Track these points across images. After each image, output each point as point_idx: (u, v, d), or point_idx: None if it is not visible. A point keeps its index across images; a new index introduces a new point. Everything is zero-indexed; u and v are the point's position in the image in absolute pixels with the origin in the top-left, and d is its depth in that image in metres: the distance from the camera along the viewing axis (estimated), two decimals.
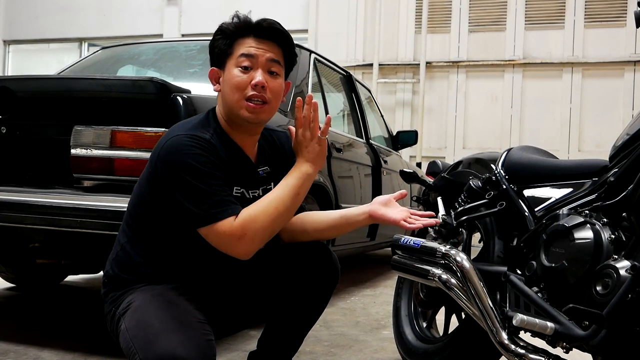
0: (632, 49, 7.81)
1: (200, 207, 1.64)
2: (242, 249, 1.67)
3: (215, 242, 1.67)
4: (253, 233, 1.66)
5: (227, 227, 1.64)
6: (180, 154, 1.66)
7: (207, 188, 1.64)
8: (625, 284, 1.57)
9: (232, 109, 1.77)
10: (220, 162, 1.71)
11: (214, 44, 1.81)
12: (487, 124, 8.37)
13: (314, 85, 3.95)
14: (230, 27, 1.79)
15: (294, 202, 1.75)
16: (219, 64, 1.81)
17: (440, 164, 2.79)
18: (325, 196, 3.59)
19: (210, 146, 1.70)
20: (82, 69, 3.84)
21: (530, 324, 1.75)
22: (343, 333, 3.09)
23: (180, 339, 1.55)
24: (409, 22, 8.76)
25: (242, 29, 1.78)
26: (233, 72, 1.76)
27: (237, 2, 9.32)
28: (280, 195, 1.73)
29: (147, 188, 1.76)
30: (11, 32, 11.04)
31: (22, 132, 2.72)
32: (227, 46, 1.78)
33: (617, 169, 1.83)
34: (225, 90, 1.78)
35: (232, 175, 1.76)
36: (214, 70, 1.82)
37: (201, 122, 1.79)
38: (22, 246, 3.32)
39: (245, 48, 1.76)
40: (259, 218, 1.67)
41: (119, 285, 1.78)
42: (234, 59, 1.77)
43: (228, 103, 1.77)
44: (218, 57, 1.81)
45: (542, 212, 2.06)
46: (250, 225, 1.65)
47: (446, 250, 2.07)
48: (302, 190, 1.77)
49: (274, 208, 1.70)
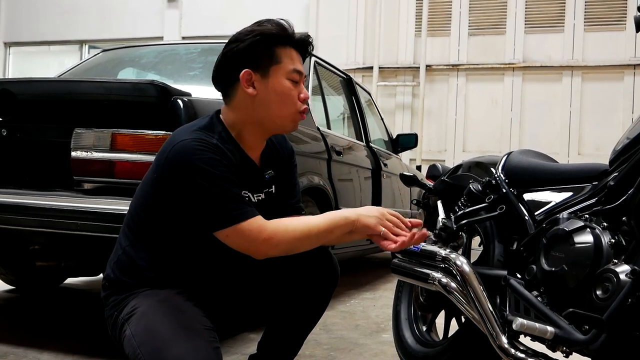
0: (631, 52, 7.81)
1: (219, 209, 1.64)
2: (262, 250, 1.68)
3: (236, 241, 1.67)
4: (278, 241, 1.67)
5: (254, 226, 1.65)
6: (191, 158, 1.64)
7: (223, 191, 1.64)
8: (625, 288, 1.57)
9: (275, 118, 1.78)
10: (230, 165, 1.71)
11: (252, 45, 1.74)
12: (487, 127, 8.37)
13: (314, 89, 3.95)
14: (274, 30, 1.76)
15: (326, 236, 1.73)
16: (256, 66, 1.75)
17: (440, 167, 2.79)
18: (325, 199, 3.59)
19: (219, 149, 1.70)
20: (83, 72, 3.85)
21: (530, 328, 1.75)
22: (343, 336, 3.09)
23: (188, 347, 1.55)
24: (409, 25, 8.76)
25: (285, 38, 1.78)
26: (285, 84, 1.77)
27: (238, 6, 9.40)
28: (318, 223, 1.72)
29: (151, 193, 1.75)
30: (12, 34, 11.05)
31: (23, 135, 2.72)
32: (270, 52, 1.75)
33: (617, 173, 1.83)
34: (272, 99, 1.76)
35: (239, 179, 1.76)
36: (249, 72, 1.75)
37: (206, 126, 1.77)
38: (22, 248, 3.32)
39: (296, 64, 1.79)
40: (290, 230, 1.69)
41: (120, 289, 1.77)
42: (284, 70, 1.76)
43: (271, 111, 1.77)
44: (257, 60, 1.75)
45: (542, 216, 2.06)
46: (280, 234, 1.67)
47: (446, 254, 2.08)
48: (338, 231, 1.73)
49: (307, 230, 1.70)
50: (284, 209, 1.97)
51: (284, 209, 1.97)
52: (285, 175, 1.98)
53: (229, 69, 1.77)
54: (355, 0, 8.97)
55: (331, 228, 1.72)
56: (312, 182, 3.39)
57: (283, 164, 1.96)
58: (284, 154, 1.98)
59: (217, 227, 1.66)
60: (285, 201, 1.98)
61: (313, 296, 1.93)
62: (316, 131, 3.66)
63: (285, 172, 1.97)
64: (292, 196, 2.00)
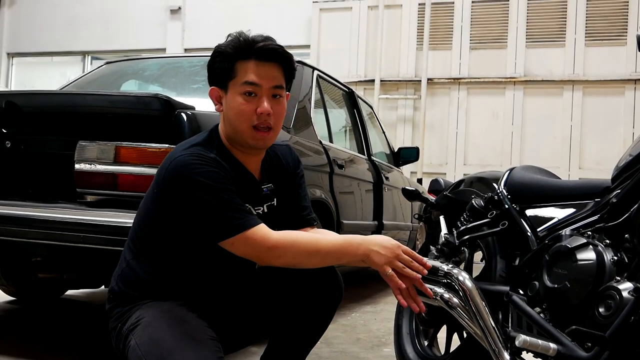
0: (632, 67, 7.84)
1: (223, 220, 1.65)
2: (265, 258, 1.68)
3: (242, 249, 1.67)
4: (283, 252, 1.67)
5: (260, 235, 1.65)
6: (189, 173, 1.66)
7: (224, 202, 1.65)
8: (628, 306, 1.58)
9: (237, 134, 1.77)
10: (228, 176, 1.72)
11: (213, 64, 1.78)
12: (488, 141, 8.39)
13: (316, 102, 3.96)
14: (229, 48, 1.75)
15: (333, 260, 1.72)
16: (219, 83, 1.78)
17: (442, 182, 2.79)
18: (326, 212, 3.60)
19: (217, 163, 1.71)
20: (86, 84, 3.86)
21: (533, 345, 1.75)
22: (344, 350, 3.08)
23: (193, 357, 1.55)
24: (411, 39, 8.80)
25: (242, 51, 1.74)
26: (237, 100, 1.74)
27: (240, 18, 9.44)
28: (328, 245, 1.71)
29: (152, 208, 1.76)
30: (15, 44, 11.10)
31: (27, 147, 2.73)
32: (228, 67, 1.75)
33: (619, 190, 1.84)
34: (230, 115, 1.76)
35: (238, 192, 1.77)
36: (215, 90, 1.80)
37: (203, 140, 1.79)
38: (24, 260, 3.32)
39: (249, 75, 1.73)
40: (298, 244, 1.68)
41: (124, 301, 1.78)
42: (238, 84, 1.73)
43: (233, 128, 1.77)
44: (218, 77, 1.78)
45: (544, 232, 2.07)
46: (287, 245, 1.67)
47: (448, 269, 2.07)
48: (345, 259, 1.71)
49: (316, 249, 1.69)
50: (294, 221, 1.95)
51: (294, 221, 1.95)
52: (289, 188, 1.97)
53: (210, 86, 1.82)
54: (357, 13, 9.02)
55: (340, 254, 1.70)
56: (313, 195, 3.39)
57: (286, 177, 1.96)
58: (288, 166, 1.97)
59: (222, 237, 1.66)
60: (296, 213, 1.97)
61: (317, 311, 1.93)
62: (318, 144, 3.67)
63: (289, 185, 1.96)
64: (302, 208, 1.98)
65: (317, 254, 1.69)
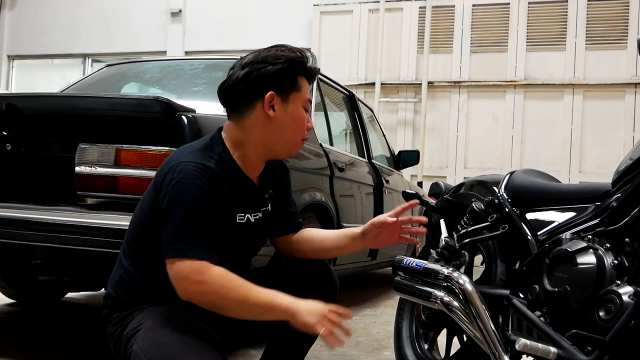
0: (632, 71, 7.85)
1: (176, 238, 1.62)
2: (189, 291, 1.62)
3: (172, 274, 1.63)
4: (209, 292, 1.61)
5: (194, 268, 1.60)
6: (182, 185, 1.65)
7: (192, 226, 1.63)
8: (628, 310, 1.58)
9: (287, 143, 1.82)
10: (223, 192, 1.71)
11: (282, 70, 1.77)
12: (488, 144, 8.39)
13: (317, 105, 3.97)
14: (298, 58, 1.80)
15: (259, 313, 1.66)
16: (279, 91, 1.78)
17: (442, 185, 2.80)
18: (327, 215, 3.60)
19: (214, 176, 1.70)
20: (87, 86, 3.87)
21: (533, 349, 1.75)
22: (344, 353, 3.08)
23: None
24: (411, 42, 8.80)
25: (304, 67, 1.82)
26: (302, 112, 1.82)
27: (241, 20, 9.45)
28: (258, 296, 1.64)
29: (149, 212, 1.75)
30: (15, 47, 11.10)
31: (27, 149, 2.73)
32: (293, 79, 1.80)
33: (620, 194, 1.84)
34: (287, 124, 1.79)
35: (236, 201, 1.77)
36: (272, 95, 1.77)
37: (206, 146, 1.78)
38: (24, 263, 3.32)
39: (308, 94, 1.84)
40: (228, 287, 1.62)
41: (123, 306, 1.78)
42: (302, 98, 1.82)
43: (285, 136, 1.80)
44: (282, 85, 1.78)
45: (544, 236, 2.07)
46: (217, 287, 1.61)
47: (449, 272, 2.08)
48: (272, 315, 1.65)
49: (244, 297, 1.63)
50: (285, 226, 2.02)
51: (285, 226, 2.02)
52: (281, 194, 2.00)
53: (250, 89, 1.77)
54: (358, 16, 9.02)
55: (267, 308, 1.64)
56: (314, 198, 3.40)
57: (279, 183, 2.00)
58: (280, 173, 2.01)
59: (166, 253, 1.64)
60: (286, 219, 2.02)
61: None
62: (318, 147, 3.67)
63: (281, 191, 2.00)
64: (291, 214, 2.03)
65: (244, 302, 1.62)
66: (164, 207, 1.66)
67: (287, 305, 1.63)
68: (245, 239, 1.87)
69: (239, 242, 1.85)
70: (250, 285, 1.65)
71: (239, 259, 1.91)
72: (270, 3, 9.49)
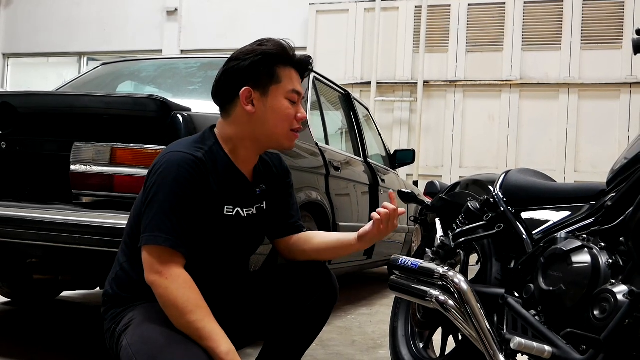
0: (627, 71, 7.87)
1: (152, 226, 1.65)
2: (149, 279, 1.65)
3: (143, 260, 1.66)
4: (162, 285, 1.62)
5: (161, 257, 1.63)
6: (165, 174, 1.68)
7: (169, 215, 1.65)
8: (623, 309, 1.58)
9: (271, 135, 1.81)
10: (209, 182, 1.72)
11: (256, 65, 1.77)
12: (484, 143, 8.40)
13: (313, 104, 3.97)
14: (272, 50, 1.79)
15: (191, 332, 1.61)
16: (256, 85, 1.78)
17: (438, 184, 2.80)
18: (322, 214, 3.60)
19: (201, 165, 1.71)
20: (83, 85, 3.86)
21: (528, 348, 1.75)
22: (339, 352, 3.08)
23: (183, 355, 1.55)
24: (407, 41, 8.82)
25: (284, 57, 1.81)
26: (284, 104, 1.81)
27: (237, 20, 9.45)
28: (199, 317, 1.61)
29: (142, 208, 1.75)
30: (11, 45, 11.07)
31: (23, 148, 2.73)
32: (271, 71, 1.79)
33: (614, 193, 1.84)
34: (269, 117, 1.79)
35: (224, 192, 1.77)
36: (249, 90, 1.78)
37: (198, 139, 1.81)
38: (19, 261, 3.31)
39: (295, 85, 1.82)
40: (180, 292, 1.62)
41: (118, 303, 1.79)
42: (283, 90, 1.80)
43: (269, 129, 1.80)
44: (257, 79, 1.78)
45: (540, 235, 2.07)
46: (173, 285, 1.62)
47: (444, 271, 2.08)
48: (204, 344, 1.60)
49: (189, 310, 1.61)
50: (285, 228, 2.02)
51: (285, 228, 2.02)
52: (279, 194, 2.00)
53: (229, 86, 1.80)
54: (354, 16, 9.03)
55: (203, 336, 1.60)
56: (310, 197, 3.40)
57: (277, 182, 1.99)
58: (279, 173, 2.01)
59: (142, 239, 1.67)
60: (286, 221, 2.02)
61: (312, 313, 1.93)
62: (314, 146, 3.67)
63: (279, 191, 2.00)
64: (290, 216, 2.03)
65: (182, 314, 1.61)
66: (148, 195, 1.69)
67: (218, 345, 1.60)
68: (238, 234, 1.86)
69: (231, 236, 1.84)
70: (203, 306, 1.64)
71: (233, 255, 1.92)
72: (266, 2, 9.49)
